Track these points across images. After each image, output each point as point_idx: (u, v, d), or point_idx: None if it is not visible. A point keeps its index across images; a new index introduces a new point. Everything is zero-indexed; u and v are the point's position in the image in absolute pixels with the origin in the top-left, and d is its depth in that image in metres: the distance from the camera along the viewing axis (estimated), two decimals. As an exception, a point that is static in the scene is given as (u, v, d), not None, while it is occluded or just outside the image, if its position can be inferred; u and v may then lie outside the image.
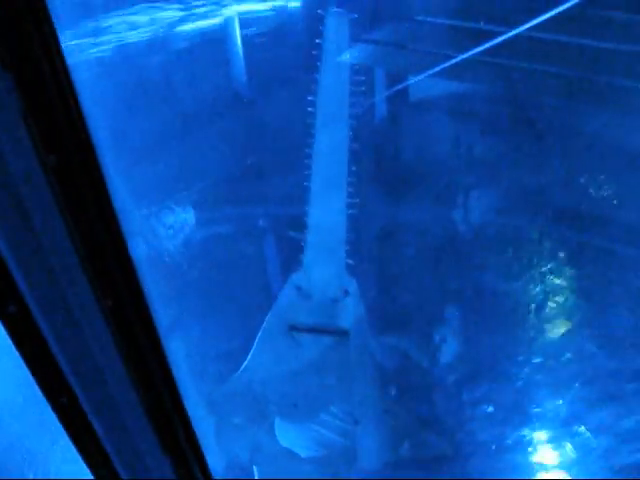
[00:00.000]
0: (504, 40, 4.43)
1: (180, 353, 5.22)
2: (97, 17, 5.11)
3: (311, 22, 4.83)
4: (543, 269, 5.43)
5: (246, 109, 5.56)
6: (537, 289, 5.48)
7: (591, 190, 5.27)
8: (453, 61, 4.86)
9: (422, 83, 5.30)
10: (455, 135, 5.45)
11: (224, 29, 5.05)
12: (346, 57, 4.94)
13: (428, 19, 4.92)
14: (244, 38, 5.12)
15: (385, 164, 5.60)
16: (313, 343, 4.96)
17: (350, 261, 4.76)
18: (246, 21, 4.95)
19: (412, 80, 5.44)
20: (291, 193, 5.07)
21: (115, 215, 1.34)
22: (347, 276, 4.82)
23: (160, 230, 5.66)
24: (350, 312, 4.92)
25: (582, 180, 5.29)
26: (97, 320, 1.48)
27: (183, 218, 5.72)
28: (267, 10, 5.05)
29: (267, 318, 5.03)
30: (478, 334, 5.47)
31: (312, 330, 4.95)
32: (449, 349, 5.56)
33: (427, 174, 5.47)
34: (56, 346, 1.46)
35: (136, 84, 5.12)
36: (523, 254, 5.51)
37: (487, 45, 4.62)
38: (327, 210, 4.63)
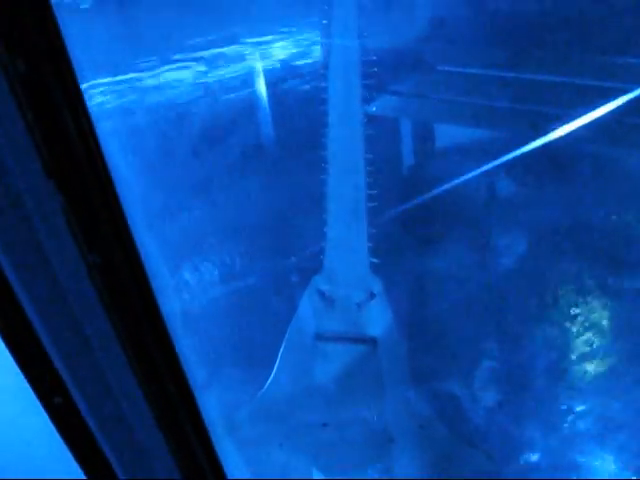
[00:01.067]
0: (529, 86, 4.48)
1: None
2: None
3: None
4: (578, 314, 5.35)
5: (272, 162, 5.60)
6: (572, 334, 5.39)
7: (627, 231, 5.21)
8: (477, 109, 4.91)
9: (447, 130, 5.34)
10: (482, 180, 5.45)
11: (249, 82, 5.07)
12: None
13: (450, 69, 4.95)
14: (269, 90, 5.10)
15: (411, 211, 5.60)
16: (340, 353, 4.66)
17: (374, 260, 4.52)
18: (272, 72, 4.93)
19: (437, 129, 5.47)
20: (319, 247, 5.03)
21: (159, 311, 1.33)
22: (371, 276, 4.55)
23: (189, 285, 5.67)
24: (377, 317, 4.63)
25: (617, 221, 5.24)
26: (128, 380, 1.46)
27: (212, 273, 5.73)
28: (292, 60, 5.03)
29: (290, 328, 4.77)
30: (516, 381, 5.38)
31: (338, 339, 4.64)
32: (488, 395, 5.45)
33: (455, 219, 5.46)
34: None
35: (161, 140, 5.19)
36: (556, 298, 5.44)
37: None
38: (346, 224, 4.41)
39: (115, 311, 1.36)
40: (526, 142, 5.21)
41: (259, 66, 4.93)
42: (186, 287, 5.70)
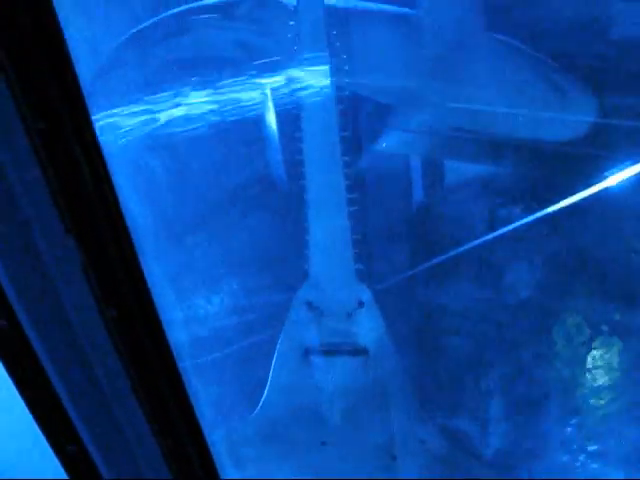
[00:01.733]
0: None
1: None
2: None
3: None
4: (590, 349, 5.31)
5: (281, 192, 5.57)
6: (583, 369, 5.34)
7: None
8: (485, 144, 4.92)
9: (458, 166, 5.34)
10: (493, 215, 5.44)
11: (259, 109, 5.02)
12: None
13: (460, 105, 4.97)
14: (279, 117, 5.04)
15: (423, 246, 5.58)
16: (332, 367, 4.51)
17: (360, 266, 4.41)
18: (280, 99, 4.90)
19: (447, 164, 5.47)
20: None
21: (175, 364, 1.33)
22: (359, 283, 4.42)
23: (196, 316, 5.63)
24: (367, 327, 4.47)
25: (629, 254, 5.21)
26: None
27: (220, 305, 5.70)
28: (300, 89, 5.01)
29: (279, 343, 4.59)
30: (525, 417, 5.32)
31: (329, 352, 4.48)
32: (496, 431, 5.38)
33: (465, 254, 5.44)
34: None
35: (169, 169, 5.19)
36: (567, 334, 5.40)
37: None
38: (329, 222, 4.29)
39: (130, 362, 1.36)
40: (536, 178, 5.22)
41: (269, 99, 4.91)
42: (193, 317, 5.68)
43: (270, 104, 4.71)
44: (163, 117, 4.89)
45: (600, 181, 4.69)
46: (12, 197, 1.19)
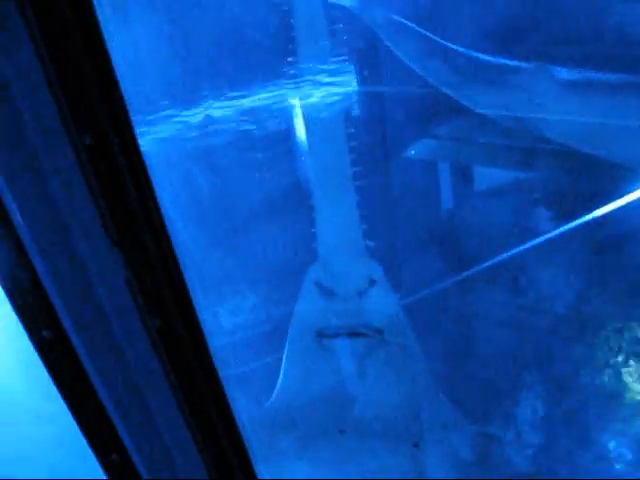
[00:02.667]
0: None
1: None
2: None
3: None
4: (628, 357, 5.23)
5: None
6: (620, 378, 5.27)
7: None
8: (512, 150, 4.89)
9: (487, 173, 5.32)
10: (524, 222, 5.41)
11: (288, 122, 5.00)
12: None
13: (489, 112, 4.95)
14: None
15: (454, 254, 5.55)
16: (347, 350, 4.31)
17: (370, 242, 4.22)
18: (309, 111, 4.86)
19: (476, 171, 5.45)
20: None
21: (217, 373, 1.35)
22: (369, 260, 4.21)
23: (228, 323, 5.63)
24: (380, 306, 4.26)
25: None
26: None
27: (251, 313, 5.70)
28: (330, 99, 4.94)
29: (290, 327, 4.38)
30: (560, 429, 5.26)
31: (342, 334, 4.27)
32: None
33: (498, 262, 5.40)
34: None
35: (202, 177, 5.20)
36: (606, 342, 5.33)
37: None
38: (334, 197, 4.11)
39: (173, 370, 1.38)
40: (566, 184, 5.17)
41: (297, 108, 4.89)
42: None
43: (298, 111, 4.64)
44: (193, 125, 4.91)
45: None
46: (58, 209, 1.22)
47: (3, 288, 1.30)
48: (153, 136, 4.66)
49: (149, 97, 4.76)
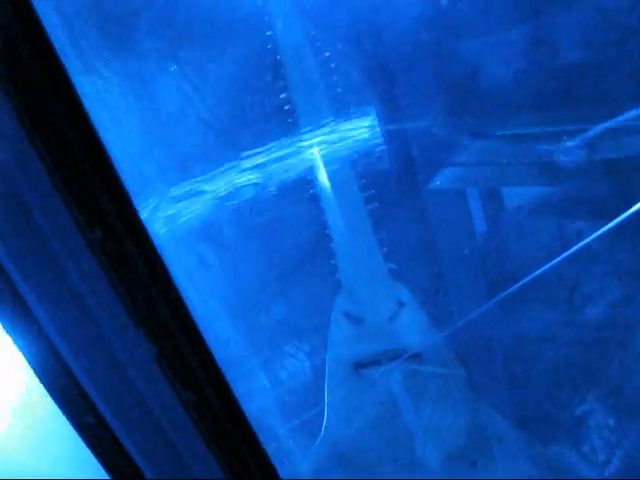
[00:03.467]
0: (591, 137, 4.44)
1: None
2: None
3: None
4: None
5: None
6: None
7: None
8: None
9: (516, 192, 5.30)
10: (561, 237, 5.36)
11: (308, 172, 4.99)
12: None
13: (508, 132, 4.96)
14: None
15: (491, 272, 5.49)
16: (386, 377, 4.18)
17: (392, 265, 4.18)
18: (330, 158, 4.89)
19: (505, 191, 5.44)
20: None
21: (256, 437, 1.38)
22: (395, 283, 4.16)
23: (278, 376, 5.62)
24: (413, 328, 4.18)
25: None
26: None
27: (297, 364, 5.68)
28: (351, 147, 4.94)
29: (327, 362, 4.31)
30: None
31: (379, 362, 4.16)
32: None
33: (536, 279, 5.33)
34: None
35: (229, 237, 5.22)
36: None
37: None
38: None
39: (211, 441, 1.41)
40: (601, 193, 5.11)
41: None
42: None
43: (319, 163, 4.67)
44: (208, 192, 4.93)
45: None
46: (82, 300, 1.28)
47: (41, 382, 1.36)
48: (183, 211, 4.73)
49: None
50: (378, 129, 4.82)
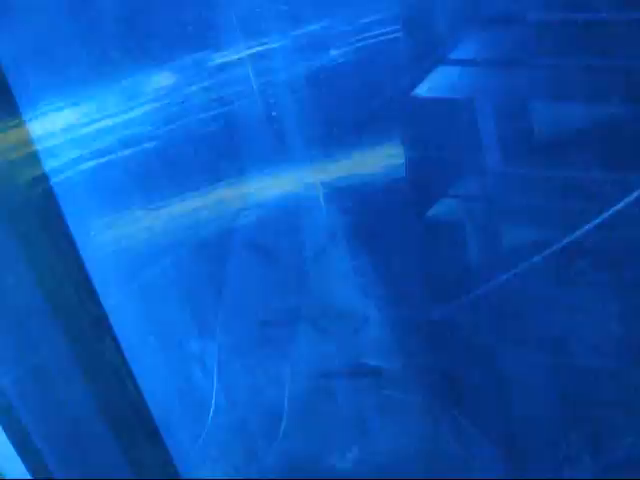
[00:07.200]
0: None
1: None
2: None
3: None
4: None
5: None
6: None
7: None
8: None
9: (514, 231, 5.29)
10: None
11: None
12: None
13: (504, 169, 4.99)
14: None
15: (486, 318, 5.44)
16: (346, 390, 4.18)
17: (360, 278, 4.14)
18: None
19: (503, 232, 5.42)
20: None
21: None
22: (361, 296, 4.14)
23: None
24: (377, 344, 4.16)
25: None
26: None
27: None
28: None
29: (289, 372, 4.28)
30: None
31: (340, 374, 4.16)
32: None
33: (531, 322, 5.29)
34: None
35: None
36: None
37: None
38: None
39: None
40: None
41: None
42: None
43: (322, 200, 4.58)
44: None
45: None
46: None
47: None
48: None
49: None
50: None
